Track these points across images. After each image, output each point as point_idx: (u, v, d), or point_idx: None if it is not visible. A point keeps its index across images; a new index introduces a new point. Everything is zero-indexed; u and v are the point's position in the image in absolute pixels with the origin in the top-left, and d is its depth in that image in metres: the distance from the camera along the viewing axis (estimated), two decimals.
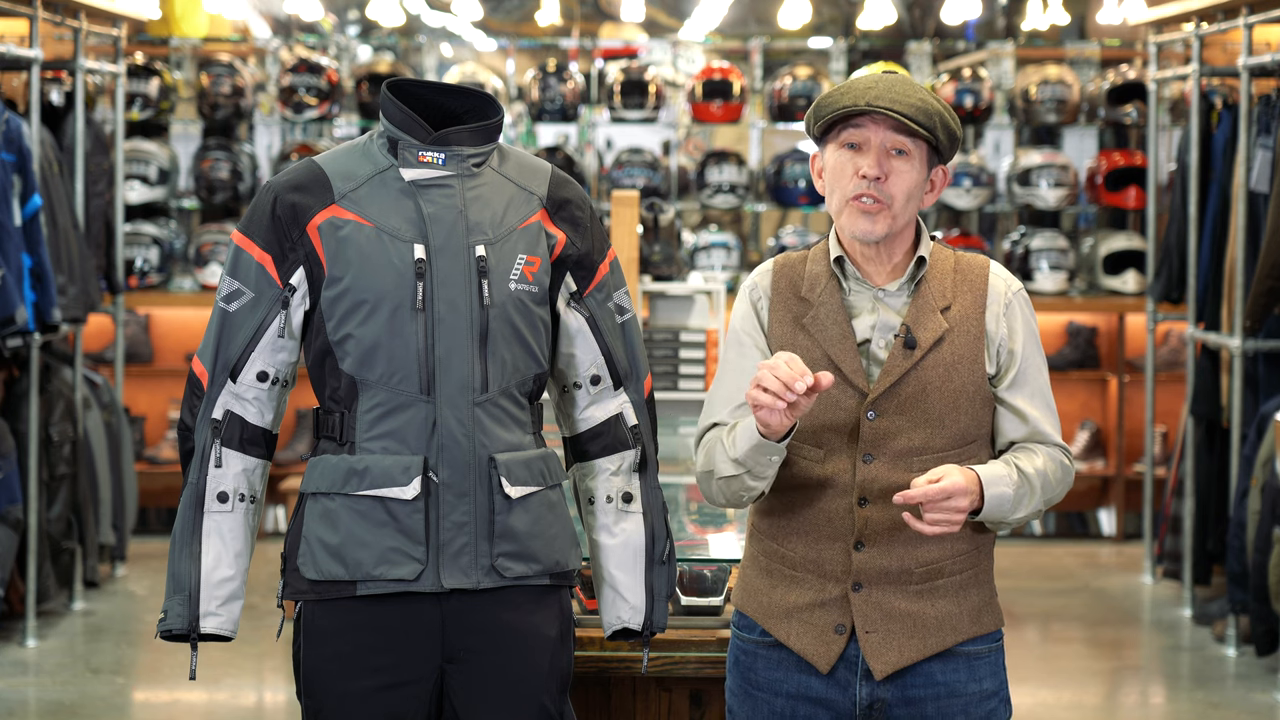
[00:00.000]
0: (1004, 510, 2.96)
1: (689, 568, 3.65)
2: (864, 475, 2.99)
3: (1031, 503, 2.99)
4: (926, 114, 2.98)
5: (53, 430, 7.33)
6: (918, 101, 2.99)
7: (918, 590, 3.01)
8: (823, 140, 3.05)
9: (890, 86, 2.99)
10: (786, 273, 3.09)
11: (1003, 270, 3.09)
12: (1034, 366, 3.06)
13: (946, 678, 3.03)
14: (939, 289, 3.03)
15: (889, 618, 3.00)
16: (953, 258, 3.08)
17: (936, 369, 2.99)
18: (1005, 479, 2.95)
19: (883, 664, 3.00)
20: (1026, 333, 3.06)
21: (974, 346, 3.01)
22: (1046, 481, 3.01)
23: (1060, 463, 3.04)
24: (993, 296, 3.05)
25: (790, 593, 3.05)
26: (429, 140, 3.08)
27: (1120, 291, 9.49)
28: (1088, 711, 6.53)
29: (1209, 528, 7.65)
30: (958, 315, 3.02)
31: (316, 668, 3.08)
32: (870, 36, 11.26)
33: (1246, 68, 7.30)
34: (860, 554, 3.00)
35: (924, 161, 3.02)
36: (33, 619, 7.03)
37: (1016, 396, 3.04)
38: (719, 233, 9.75)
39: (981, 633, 3.06)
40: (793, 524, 3.05)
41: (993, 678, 3.07)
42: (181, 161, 9.89)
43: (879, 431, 2.99)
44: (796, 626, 3.04)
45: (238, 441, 3.10)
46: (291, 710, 6.27)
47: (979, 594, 3.06)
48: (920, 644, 3.01)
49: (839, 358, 3.00)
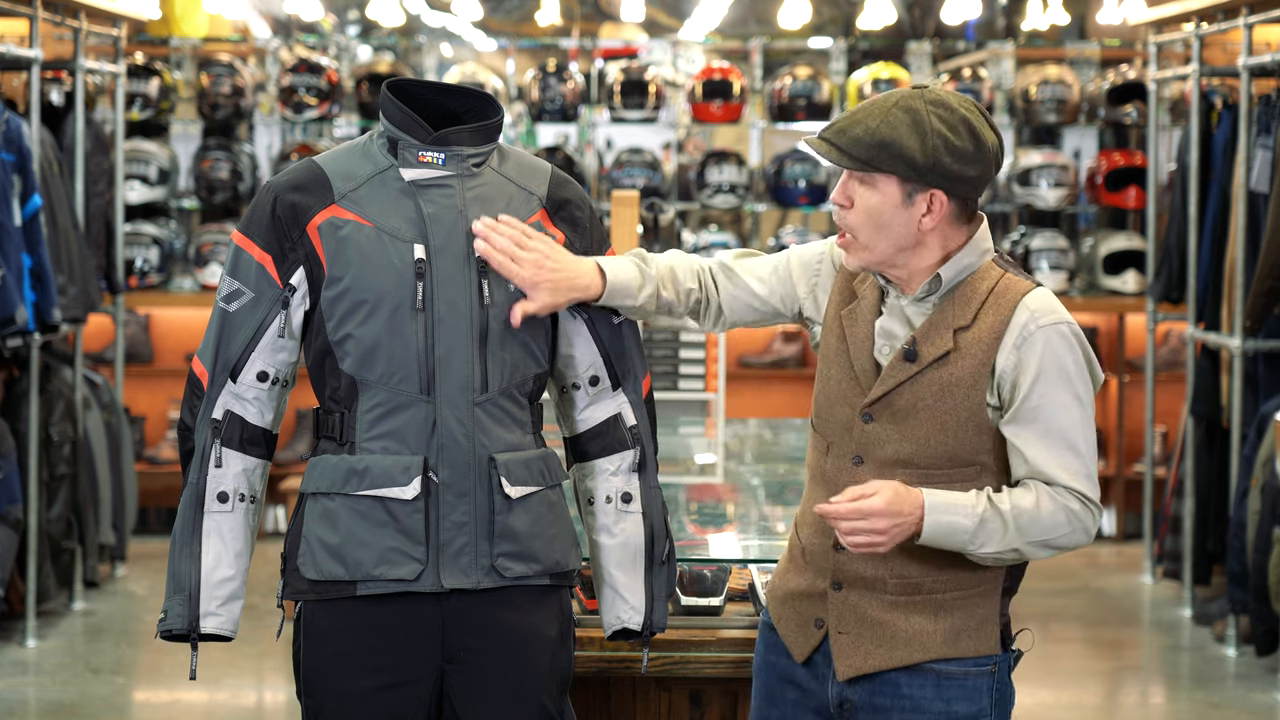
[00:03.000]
0: (959, 540, 2.87)
1: (689, 568, 3.65)
2: (851, 477, 2.99)
3: (1004, 539, 2.87)
4: (875, 146, 2.89)
5: (53, 430, 7.33)
6: (863, 133, 2.89)
7: (892, 601, 2.98)
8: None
9: (860, 112, 2.92)
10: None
11: (1041, 302, 2.93)
12: (1052, 405, 2.89)
13: (913, 692, 2.99)
14: (963, 308, 2.95)
15: (861, 622, 3.00)
16: (996, 279, 2.95)
17: (931, 387, 2.94)
18: (964, 509, 2.86)
19: (846, 666, 3.00)
20: (1046, 369, 2.90)
21: (977, 372, 2.93)
22: (1036, 522, 2.87)
23: (1064, 507, 2.89)
24: (1013, 326, 2.92)
25: (792, 578, 3.09)
26: (429, 140, 3.08)
27: (1120, 291, 9.49)
28: (1088, 711, 6.52)
29: (1209, 528, 7.65)
30: (971, 339, 2.94)
31: (316, 668, 3.08)
32: (870, 36, 11.26)
33: (1246, 68, 7.30)
34: (841, 554, 3.01)
35: (897, 188, 2.91)
36: (33, 619, 7.03)
37: (1018, 433, 2.91)
38: (719, 233, 9.75)
39: (956, 655, 2.97)
40: (805, 512, 3.10)
41: (968, 701, 2.98)
42: (181, 161, 9.88)
43: (871, 436, 2.98)
44: (786, 612, 3.08)
45: (238, 441, 3.10)
46: (291, 710, 6.27)
47: (964, 618, 2.98)
48: (886, 654, 2.98)
49: (855, 355, 3.01)
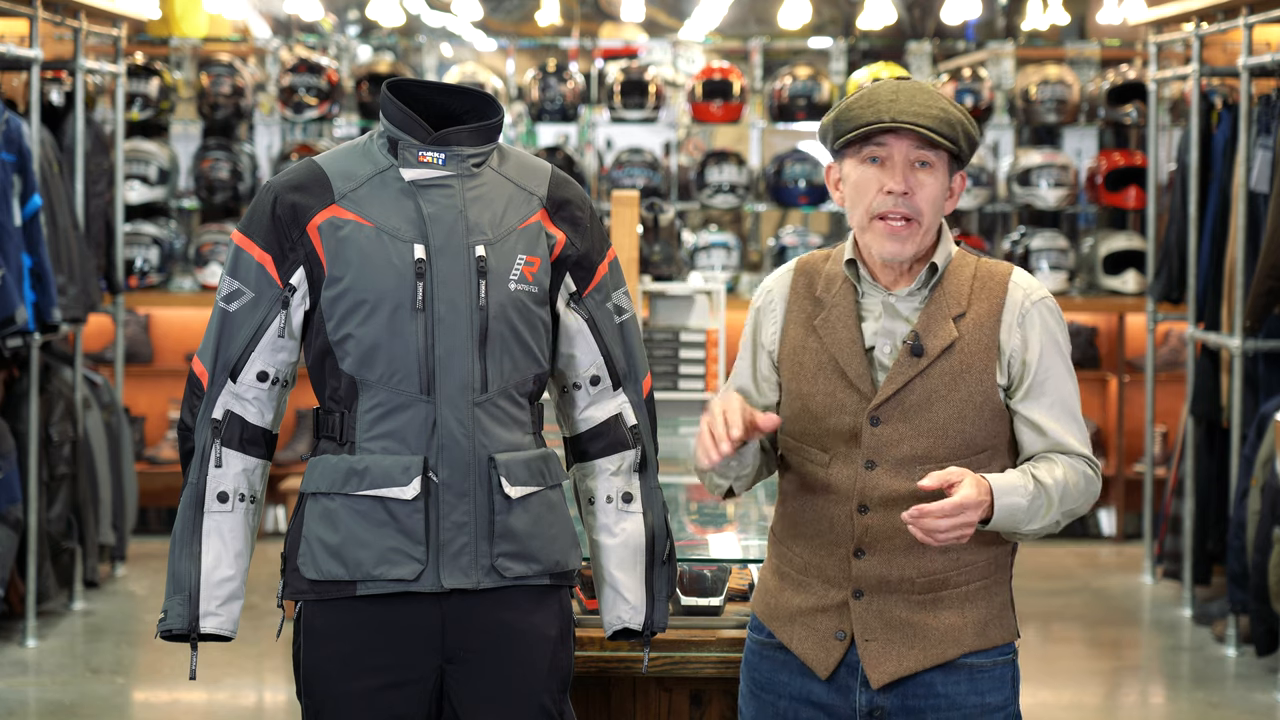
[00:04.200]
0: (1017, 520, 2.89)
1: (689, 568, 3.64)
2: (865, 482, 2.96)
3: (1049, 514, 2.91)
4: (950, 125, 2.93)
5: (53, 430, 7.33)
6: (939, 112, 2.93)
7: (920, 600, 2.96)
8: (840, 152, 2.99)
9: (911, 97, 2.93)
10: (806, 272, 3.07)
11: (1026, 279, 3.01)
12: (1055, 377, 2.97)
13: (947, 689, 2.98)
14: (954, 296, 2.97)
15: (889, 626, 2.97)
16: (974, 264, 3.01)
17: (943, 377, 2.94)
18: (1020, 489, 2.88)
19: (879, 673, 2.97)
20: (1045, 343, 2.97)
21: (984, 356, 2.95)
22: (1067, 493, 2.93)
23: (1083, 474, 2.96)
24: (1009, 306, 2.97)
25: (796, 596, 3.03)
26: (429, 140, 3.08)
27: (1120, 291, 9.48)
28: (1088, 711, 6.52)
29: (1209, 528, 7.65)
30: (970, 324, 2.96)
31: (316, 668, 3.08)
32: (870, 36, 11.26)
33: (1246, 68, 7.30)
34: (860, 561, 2.97)
35: (946, 171, 2.96)
36: (33, 619, 7.03)
37: (1033, 409, 2.96)
38: (719, 233, 9.75)
39: (986, 646, 2.99)
40: (798, 527, 3.04)
41: (997, 692, 3.01)
42: (181, 161, 9.89)
43: (881, 439, 2.95)
44: (800, 630, 3.02)
45: (238, 441, 3.10)
46: (291, 710, 6.27)
47: (987, 607, 2.99)
48: (920, 654, 2.97)
49: (845, 361, 2.98)
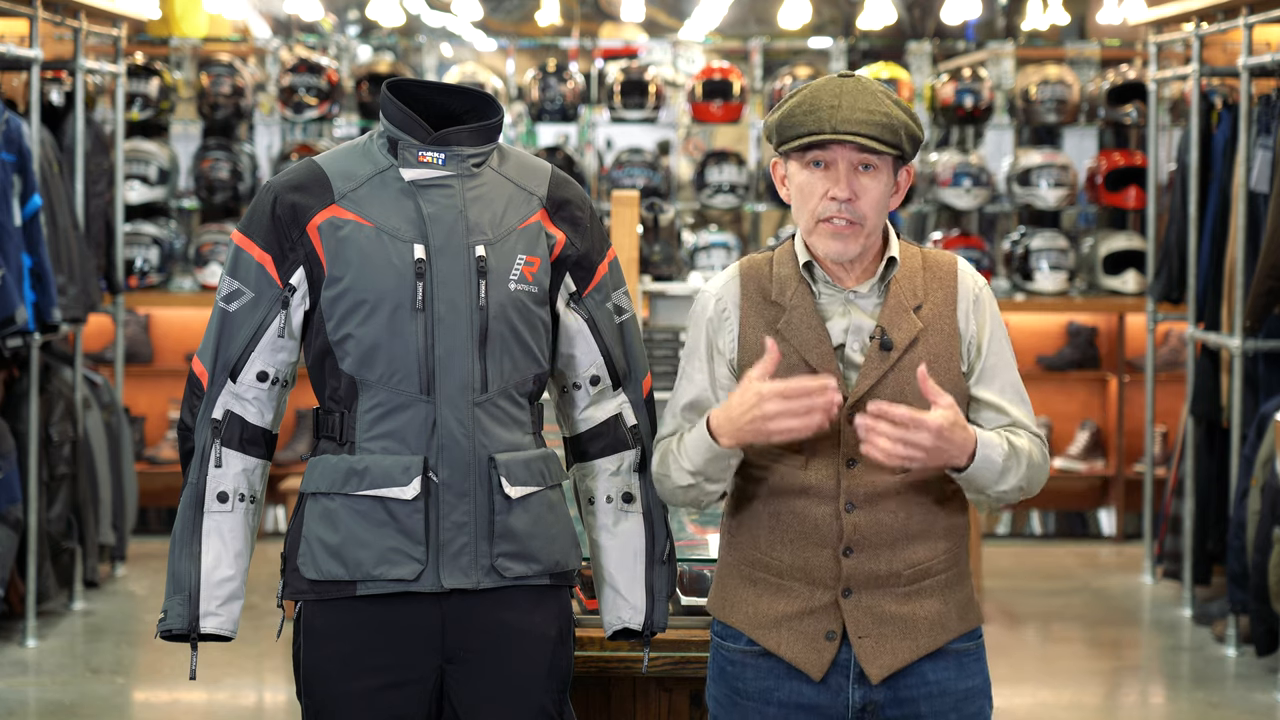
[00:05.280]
0: (988, 477, 2.94)
1: (689, 568, 3.64)
2: (848, 481, 2.98)
3: (1015, 477, 2.96)
4: (892, 130, 2.94)
5: (53, 430, 7.33)
6: (882, 117, 2.94)
7: (906, 592, 3.00)
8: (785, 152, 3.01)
9: (854, 102, 2.94)
10: (754, 276, 3.06)
11: (969, 266, 3.09)
12: (1004, 361, 3.05)
13: (937, 676, 3.02)
14: (910, 288, 3.02)
15: (881, 621, 2.99)
16: (920, 255, 3.06)
17: (914, 368, 2.96)
18: (997, 447, 2.94)
19: (878, 668, 2.99)
20: (994, 327, 3.04)
21: (949, 344, 3.01)
22: (1032, 462, 2.99)
23: (1041, 450, 3.02)
24: (962, 293, 3.03)
25: (778, 601, 3.03)
26: (429, 140, 3.08)
27: (1120, 291, 9.48)
28: (1088, 711, 6.52)
29: (1209, 528, 7.64)
30: (930, 314, 3.01)
31: (316, 668, 3.08)
32: (870, 36, 11.26)
33: (1246, 68, 7.30)
34: (849, 559, 2.98)
35: (890, 170, 2.99)
36: (33, 619, 7.03)
37: (988, 391, 3.03)
38: (719, 233, 9.75)
39: (968, 629, 3.06)
40: (777, 532, 3.02)
41: (979, 675, 3.08)
42: (181, 161, 9.88)
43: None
44: (786, 635, 3.02)
45: (238, 441, 3.10)
46: (291, 710, 6.27)
47: (962, 591, 3.06)
48: (913, 645, 3.00)
49: (816, 362, 2.98)
